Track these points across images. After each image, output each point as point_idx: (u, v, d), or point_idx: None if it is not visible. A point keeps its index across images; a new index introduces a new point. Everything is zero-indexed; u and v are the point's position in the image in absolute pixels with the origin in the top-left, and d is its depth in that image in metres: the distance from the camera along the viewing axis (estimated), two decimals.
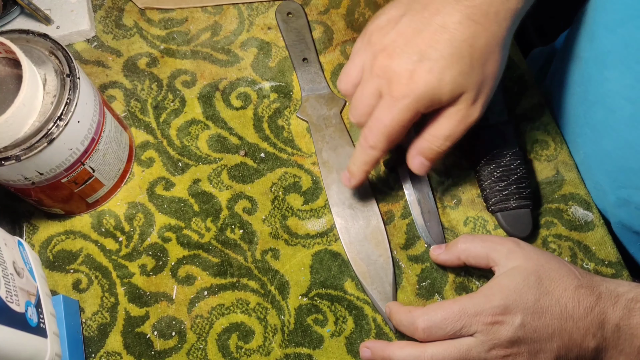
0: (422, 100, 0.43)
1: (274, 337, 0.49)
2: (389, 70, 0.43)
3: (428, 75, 0.42)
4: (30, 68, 0.43)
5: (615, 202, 0.50)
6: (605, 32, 0.47)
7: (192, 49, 0.58)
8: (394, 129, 0.45)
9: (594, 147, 0.51)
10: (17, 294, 0.42)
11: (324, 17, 0.60)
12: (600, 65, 0.48)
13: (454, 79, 0.42)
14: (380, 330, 0.49)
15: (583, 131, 0.52)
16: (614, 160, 0.49)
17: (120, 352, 0.48)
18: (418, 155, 0.46)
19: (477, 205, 0.53)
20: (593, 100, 0.50)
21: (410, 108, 0.43)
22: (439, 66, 0.42)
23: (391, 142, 0.46)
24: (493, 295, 0.42)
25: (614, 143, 0.48)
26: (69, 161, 0.46)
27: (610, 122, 0.48)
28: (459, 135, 0.45)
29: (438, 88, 0.42)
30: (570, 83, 0.54)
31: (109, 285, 0.50)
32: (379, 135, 0.45)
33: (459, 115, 0.44)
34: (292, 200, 0.53)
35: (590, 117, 0.51)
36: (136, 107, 0.56)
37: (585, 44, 0.51)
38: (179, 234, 0.52)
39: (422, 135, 0.46)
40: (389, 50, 0.44)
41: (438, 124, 0.45)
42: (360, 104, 0.46)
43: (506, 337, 0.41)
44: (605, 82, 0.48)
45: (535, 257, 0.44)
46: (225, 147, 0.55)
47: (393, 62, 0.43)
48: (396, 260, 0.51)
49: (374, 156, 0.47)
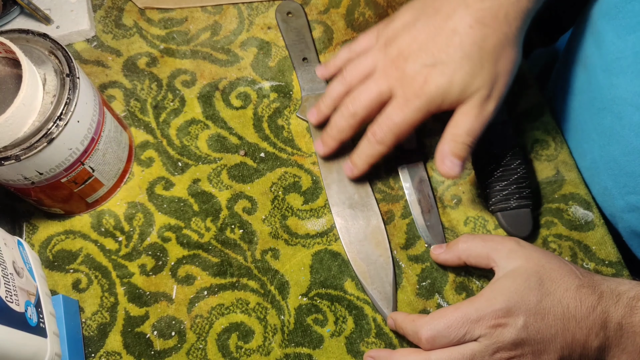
0: (433, 102, 0.46)
1: (274, 337, 0.49)
2: (404, 73, 0.47)
3: (440, 78, 0.45)
4: (30, 68, 0.43)
5: (624, 208, 0.50)
6: (614, 39, 0.47)
7: (192, 49, 0.58)
8: (404, 127, 0.47)
9: (601, 152, 0.51)
10: (17, 293, 0.42)
11: (324, 16, 0.60)
12: (608, 72, 0.49)
13: (463, 80, 0.45)
14: (380, 330, 0.49)
15: (590, 137, 0.52)
16: (622, 166, 0.49)
17: (120, 352, 0.48)
18: (447, 157, 0.47)
19: (477, 205, 0.53)
20: (600, 106, 0.50)
21: (421, 109, 0.46)
22: (450, 69, 0.45)
23: (398, 140, 0.48)
24: (495, 298, 0.42)
25: (622, 149, 0.48)
26: (68, 161, 0.45)
27: (618, 129, 0.48)
28: (478, 130, 0.47)
29: (448, 89, 0.45)
30: (576, 88, 0.54)
31: (108, 285, 0.50)
32: (388, 133, 0.48)
33: (474, 110, 0.46)
34: (292, 200, 0.53)
35: (598, 123, 0.51)
36: (136, 106, 0.56)
37: (592, 50, 0.51)
38: (178, 233, 0.52)
39: (443, 138, 0.47)
40: (405, 55, 0.47)
41: (456, 123, 0.47)
42: (366, 98, 0.48)
43: (510, 340, 0.41)
44: (613, 89, 0.48)
45: (536, 257, 0.44)
46: (225, 147, 0.55)
47: (407, 66, 0.46)
48: (396, 260, 0.51)
49: (379, 151, 0.49)
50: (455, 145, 0.47)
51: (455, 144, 0.47)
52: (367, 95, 0.48)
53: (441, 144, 0.47)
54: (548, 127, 0.55)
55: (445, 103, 0.46)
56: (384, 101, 0.48)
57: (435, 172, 0.54)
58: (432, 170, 0.54)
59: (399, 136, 0.48)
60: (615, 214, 0.52)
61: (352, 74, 0.50)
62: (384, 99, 0.48)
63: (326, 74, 0.55)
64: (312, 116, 0.54)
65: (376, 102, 0.48)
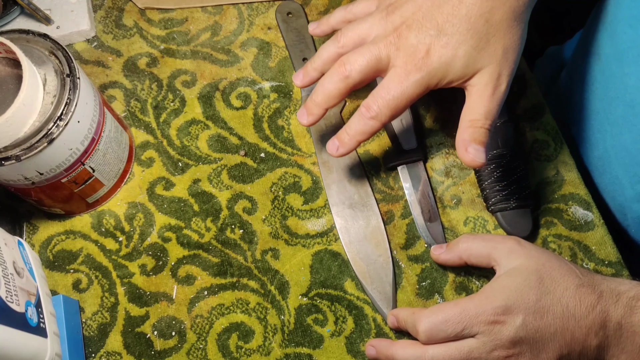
0: (435, 76, 0.44)
1: (274, 337, 0.49)
2: (407, 42, 0.44)
3: (443, 50, 0.43)
4: (30, 68, 0.43)
5: (633, 197, 0.50)
6: (625, 28, 0.47)
7: (192, 49, 0.58)
8: (401, 102, 0.44)
9: (613, 142, 0.51)
10: (17, 293, 0.42)
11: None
12: (620, 62, 0.48)
13: (468, 54, 0.43)
14: (380, 330, 0.49)
15: (602, 127, 0.52)
16: (633, 155, 0.49)
17: (120, 352, 0.48)
18: (470, 145, 0.44)
19: (477, 205, 0.53)
20: (613, 96, 0.50)
21: (422, 83, 0.44)
22: (454, 41, 0.43)
23: (393, 116, 0.45)
24: (494, 296, 0.42)
25: (633, 138, 0.48)
26: (69, 161, 0.46)
27: (630, 117, 0.48)
28: (495, 111, 0.44)
29: (451, 63, 0.43)
30: (590, 79, 0.54)
31: (109, 285, 0.50)
32: (384, 107, 0.45)
33: (488, 91, 0.44)
34: (292, 200, 0.53)
35: (610, 112, 0.51)
36: (136, 107, 0.56)
37: (605, 40, 0.51)
38: (179, 233, 0.52)
39: (461, 126, 0.45)
40: (408, 23, 0.44)
41: (472, 107, 0.44)
42: (363, 61, 0.45)
43: (508, 338, 0.41)
44: (625, 78, 0.48)
45: (536, 256, 0.44)
46: (225, 147, 0.55)
47: (410, 35, 0.44)
48: (396, 260, 0.51)
49: (372, 127, 0.46)
50: (474, 131, 0.44)
51: (474, 129, 0.44)
52: (364, 58, 0.45)
53: (460, 133, 0.44)
54: (548, 127, 0.55)
55: (447, 78, 0.44)
56: (381, 69, 0.45)
57: (435, 172, 0.54)
58: (432, 170, 0.54)
59: (395, 111, 0.45)
60: (624, 204, 0.52)
61: (348, 36, 0.47)
62: (381, 67, 0.45)
63: (318, 31, 0.52)
64: (297, 78, 0.49)
65: (373, 68, 0.45)
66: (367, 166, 0.54)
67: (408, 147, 0.53)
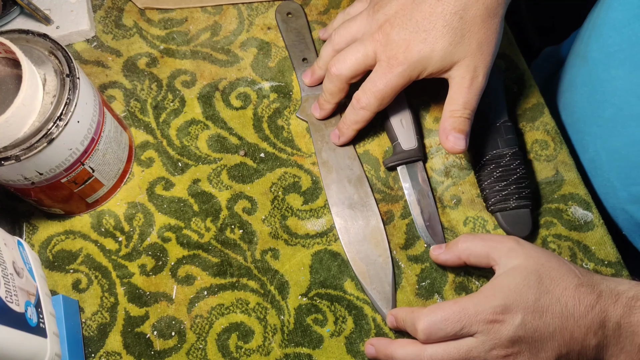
0: (415, 69, 0.48)
1: (274, 337, 0.49)
2: (389, 38, 0.48)
3: (421, 45, 0.47)
4: (30, 68, 0.43)
5: (627, 199, 0.50)
6: (611, 31, 0.48)
7: (191, 49, 0.58)
8: (387, 92, 0.49)
9: (603, 144, 0.51)
10: (17, 294, 0.42)
11: (324, 17, 0.60)
12: (607, 64, 0.49)
13: (444, 48, 0.47)
14: (380, 330, 0.49)
15: (591, 129, 0.53)
16: (624, 157, 0.49)
17: (120, 352, 0.48)
18: (450, 133, 0.48)
19: (476, 205, 0.53)
20: (601, 99, 0.50)
21: (404, 75, 0.48)
22: (432, 37, 0.47)
23: (381, 105, 0.51)
24: (493, 295, 0.42)
25: (623, 140, 0.49)
26: (68, 161, 0.46)
27: (619, 120, 0.49)
28: (474, 101, 0.48)
29: (430, 57, 0.47)
30: (578, 82, 0.54)
31: (108, 285, 0.50)
32: (371, 98, 0.50)
33: (465, 82, 0.48)
34: (292, 200, 0.53)
35: (599, 115, 0.51)
36: (136, 107, 0.56)
37: (592, 43, 0.52)
38: (178, 234, 0.52)
39: (443, 116, 0.49)
40: (391, 21, 0.49)
41: (452, 99, 0.48)
42: (351, 59, 0.50)
43: (507, 337, 0.41)
44: (613, 81, 0.48)
45: (535, 255, 0.44)
46: (225, 147, 0.55)
47: (393, 31, 0.48)
48: (396, 260, 0.51)
49: (364, 116, 0.51)
50: (454, 120, 0.48)
51: (454, 119, 0.48)
52: (352, 57, 0.50)
53: (442, 122, 0.48)
54: (548, 127, 0.55)
55: (427, 70, 0.48)
56: (369, 65, 0.50)
57: (434, 172, 0.54)
58: (431, 170, 0.54)
59: (383, 101, 0.50)
60: (617, 206, 0.52)
61: (341, 35, 0.52)
62: (369, 63, 0.50)
63: (326, 36, 0.58)
64: (306, 77, 0.56)
65: (361, 64, 0.50)
66: (367, 166, 0.54)
67: (408, 147, 0.53)
